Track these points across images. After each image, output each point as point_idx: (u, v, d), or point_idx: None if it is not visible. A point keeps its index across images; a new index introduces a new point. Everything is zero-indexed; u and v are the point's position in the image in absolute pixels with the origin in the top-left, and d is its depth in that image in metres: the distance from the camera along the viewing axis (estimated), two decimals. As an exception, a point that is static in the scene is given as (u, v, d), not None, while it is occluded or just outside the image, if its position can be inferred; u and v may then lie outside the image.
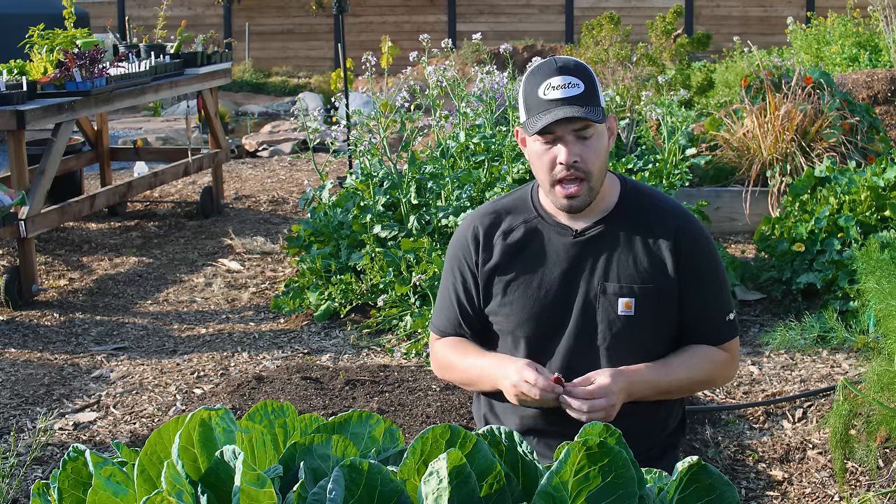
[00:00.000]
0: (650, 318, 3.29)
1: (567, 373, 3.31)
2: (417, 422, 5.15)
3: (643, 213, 3.36)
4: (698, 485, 1.99)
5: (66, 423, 5.57)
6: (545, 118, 3.15)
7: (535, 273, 3.35)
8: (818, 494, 4.64)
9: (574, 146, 3.18)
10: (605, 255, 3.32)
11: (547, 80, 3.17)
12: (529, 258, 3.35)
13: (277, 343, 6.68)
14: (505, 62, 10.14)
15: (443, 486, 1.83)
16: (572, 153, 3.18)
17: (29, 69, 8.14)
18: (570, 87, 3.15)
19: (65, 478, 2.00)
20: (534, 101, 3.19)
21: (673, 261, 3.28)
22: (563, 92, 3.14)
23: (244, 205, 10.74)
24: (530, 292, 3.34)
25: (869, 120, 9.09)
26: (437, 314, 3.56)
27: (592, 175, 3.21)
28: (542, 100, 3.16)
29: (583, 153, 3.19)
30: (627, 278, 3.29)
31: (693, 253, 3.32)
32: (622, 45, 12.28)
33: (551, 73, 3.18)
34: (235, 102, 18.40)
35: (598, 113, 3.17)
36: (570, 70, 3.18)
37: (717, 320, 3.37)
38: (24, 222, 7.36)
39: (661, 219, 3.34)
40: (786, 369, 6.01)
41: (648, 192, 3.46)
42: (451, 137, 7.82)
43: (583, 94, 3.16)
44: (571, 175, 3.20)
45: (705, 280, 3.34)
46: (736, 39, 14.72)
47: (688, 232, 3.33)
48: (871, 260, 4.46)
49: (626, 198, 3.38)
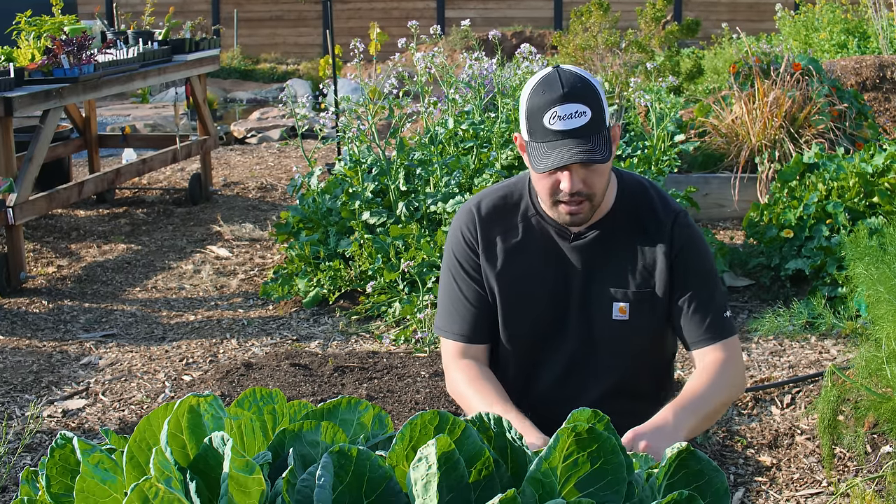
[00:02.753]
0: (646, 323, 3.26)
1: (565, 376, 3.30)
2: (406, 408, 5.15)
3: (639, 214, 3.28)
4: (687, 471, 2.00)
5: (55, 410, 5.56)
6: (551, 157, 3.03)
7: (534, 275, 3.29)
8: (806, 480, 4.65)
9: (579, 174, 3.07)
10: (601, 260, 3.27)
11: (552, 109, 3.02)
12: (529, 259, 3.29)
13: (266, 330, 6.68)
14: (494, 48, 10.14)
15: (431, 471, 1.83)
16: (576, 182, 3.08)
17: (16, 56, 8.12)
18: (577, 116, 3.01)
19: (53, 465, 2.00)
20: (537, 126, 3.06)
21: (667, 262, 3.23)
22: (569, 123, 3.01)
23: (233, 191, 10.72)
24: (529, 294, 3.29)
25: (857, 106, 9.10)
26: (448, 316, 3.40)
27: (596, 195, 3.13)
28: (548, 129, 3.03)
29: (587, 178, 3.08)
30: (622, 283, 3.25)
31: (687, 251, 3.24)
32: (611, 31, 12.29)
33: (557, 101, 3.02)
34: (224, 89, 18.36)
35: (605, 147, 3.05)
36: (577, 96, 3.03)
37: (713, 316, 3.25)
38: (12, 209, 7.34)
39: (656, 220, 3.27)
40: (774, 355, 6.02)
41: (644, 193, 3.36)
42: (440, 124, 7.82)
43: (589, 122, 3.02)
44: (575, 200, 3.11)
45: (700, 277, 3.25)
46: (725, 26, 14.74)
47: (681, 231, 3.25)
48: (860, 246, 4.47)
49: (622, 199, 3.31)
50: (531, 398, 3.38)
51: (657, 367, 3.42)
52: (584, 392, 3.31)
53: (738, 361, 3.28)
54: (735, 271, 7.20)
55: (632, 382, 3.32)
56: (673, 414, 2.99)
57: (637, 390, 3.30)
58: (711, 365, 3.20)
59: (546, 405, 3.34)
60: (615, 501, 1.89)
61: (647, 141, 8.05)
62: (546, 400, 3.36)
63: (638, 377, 3.34)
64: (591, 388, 3.32)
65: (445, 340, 3.41)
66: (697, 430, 3.09)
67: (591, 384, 3.31)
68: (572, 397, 3.27)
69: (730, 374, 3.20)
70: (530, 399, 3.37)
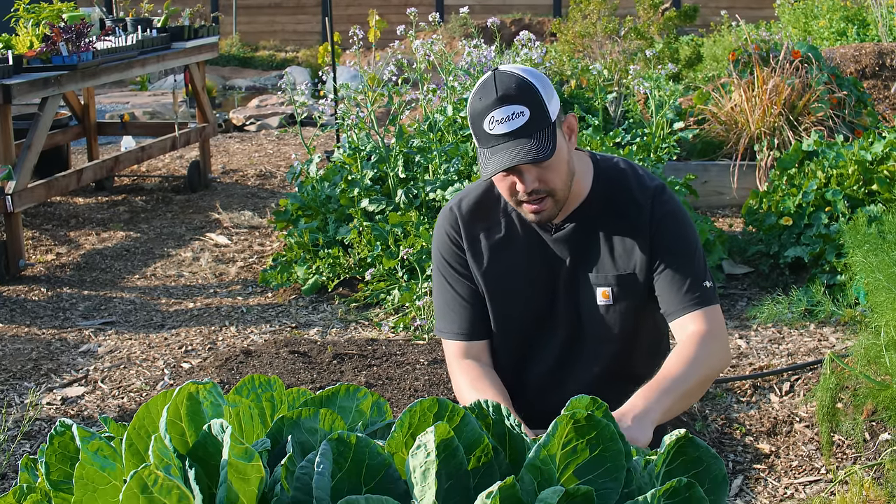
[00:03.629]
0: (630, 305, 3.25)
1: (557, 365, 3.32)
2: (405, 395, 5.15)
3: (616, 199, 3.28)
4: (685, 458, 2.00)
5: (54, 397, 5.57)
6: (494, 161, 3.02)
7: (519, 269, 3.31)
8: (805, 467, 4.66)
9: (531, 173, 3.07)
10: (583, 247, 3.28)
11: (490, 114, 3.03)
12: (513, 254, 3.31)
13: (265, 317, 6.68)
14: (493, 36, 10.12)
15: (430, 459, 1.83)
16: (530, 182, 3.08)
17: (15, 43, 8.10)
18: (515, 117, 3.01)
19: (52, 452, 2.00)
20: (480, 132, 3.06)
21: (647, 242, 3.22)
22: (508, 126, 3.01)
23: (231, 179, 10.72)
24: (516, 289, 3.31)
25: (856, 94, 9.10)
26: (446, 317, 3.40)
27: (556, 190, 3.12)
28: (489, 134, 3.03)
29: (542, 176, 3.08)
30: (604, 268, 3.25)
31: (665, 223, 3.22)
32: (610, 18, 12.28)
33: (493, 105, 3.02)
34: (223, 77, 18.35)
35: (549, 143, 3.03)
36: (512, 97, 3.02)
37: (691, 284, 3.21)
38: (11, 197, 7.34)
39: (634, 200, 3.26)
40: (773, 343, 6.02)
41: (619, 175, 3.34)
42: (439, 111, 7.81)
43: (528, 122, 3.01)
44: (534, 198, 3.11)
45: (678, 245, 3.23)
46: (724, 13, 14.71)
47: (660, 208, 3.24)
48: (859, 234, 4.47)
49: (599, 184, 3.30)
50: (525, 390, 3.39)
51: (650, 347, 3.41)
52: (577, 379, 3.33)
53: (720, 333, 3.21)
54: (734, 259, 7.20)
55: (625, 365, 3.33)
56: (643, 399, 2.94)
57: (632, 372, 3.28)
58: (690, 340, 3.13)
59: (541, 395, 3.36)
60: (614, 489, 1.90)
61: (647, 128, 8.05)
62: (540, 390, 3.38)
63: (630, 359, 3.34)
64: (584, 375, 3.33)
65: (447, 342, 3.41)
66: (676, 409, 3.05)
67: (583, 371, 3.33)
68: (566, 385, 3.29)
69: (710, 348, 3.13)
70: (525, 391, 3.38)
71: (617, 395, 3.03)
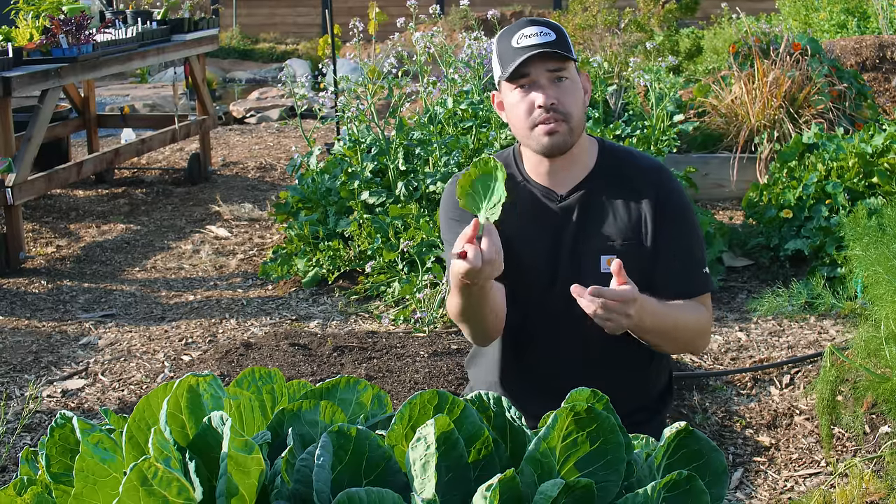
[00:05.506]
0: (634, 274, 3.28)
1: (559, 332, 3.37)
2: (405, 388, 5.16)
3: (621, 171, 3.42)
4: (686, 450, 2.00)
5: (55, 390, 5.57)
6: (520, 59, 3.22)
7: (526, 235, 3.38)
8: (805, 460, 4.66)
9: (550, 89, 3.23)
10: (588, 216, 3.37)
11: (520, 31, 3.25)
12: (520, 220, 3.36)
13: (265, 309, 6.68)
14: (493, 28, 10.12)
15: (430, 451, 1.83)
16: (549, 96, 3.22)
17: (14, 35, 8.10)
18: (543, 34, 3.23)
19: (52, 445, 2.00)
20: (507, 51, 3.26)
21: (652, 215, 3.34)
22: (537, 39, 3.22)
23: (232, 171, 10.71)
24: (522, 253, 3.36)
25: (857, 86, 9.08)
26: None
27: (572, 117, 3.26)
28: (516, 48, 3.23)
29: (559, 96, 3.23)
30: (609, 237, 3.35)
31: (670, 204, 3.37)
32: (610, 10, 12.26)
33: (523, 25, 3.26)
34: (223, 69, 18.32)
35: (572, 55, 3.26)
36: (542, 22, 3.27)
37: (693, 270, 3.39)
38: (11, 189, 7.34)
39: (639, 175, 3.41)
40: (773, 335, 6.02)
41: (625, 151, 3.52)
42: (439, 104, 7.80)
43: (555, 41, 3.23)
44: (551, 117, 3.24)
45: (682, 230, 3.38)
46: (724, 5, 14.69)
47: (664, 186, 3.40)
48: (859, 226, 4.46)
49: (604, 157, 3.44)
50: (528, 360, 3.43)
51: None
52: (579, 348, 3.39)
53: (709, 321, 3.44)
54: (734, 251, 7.19)
55: (626, 334, 3.34)
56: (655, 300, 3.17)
57: (631, 339, 3.31)
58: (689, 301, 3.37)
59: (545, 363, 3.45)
60: (614, 481, 1.90)
61: (647, 121, 8.04)
62: (543, 358, 3.43)
63: None
64: (588, 344, 3.37)
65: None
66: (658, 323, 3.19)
67: (587, 339, 3.35)
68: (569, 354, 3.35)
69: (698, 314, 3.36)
70: (527, 360, 3.42)
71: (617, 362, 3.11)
